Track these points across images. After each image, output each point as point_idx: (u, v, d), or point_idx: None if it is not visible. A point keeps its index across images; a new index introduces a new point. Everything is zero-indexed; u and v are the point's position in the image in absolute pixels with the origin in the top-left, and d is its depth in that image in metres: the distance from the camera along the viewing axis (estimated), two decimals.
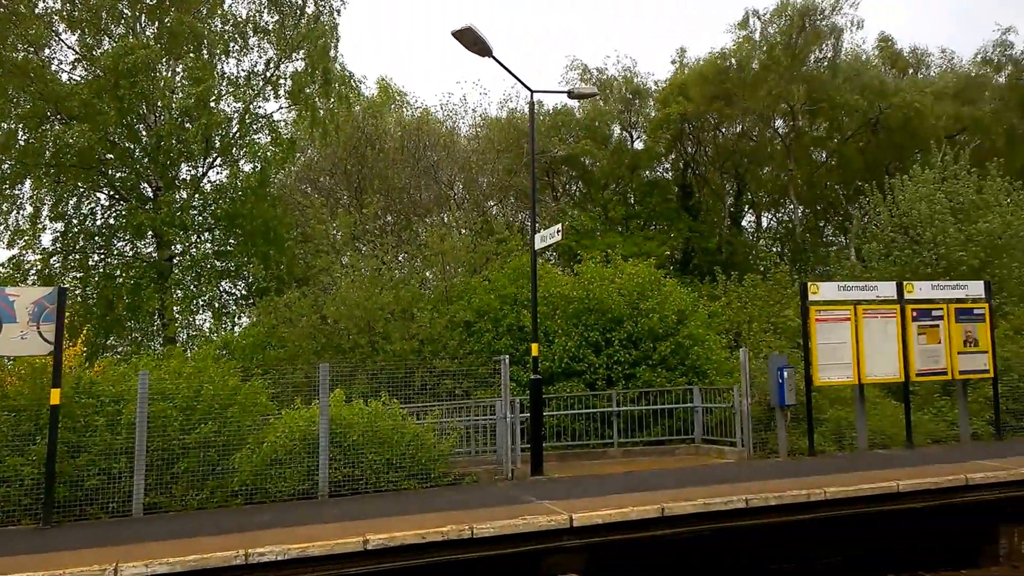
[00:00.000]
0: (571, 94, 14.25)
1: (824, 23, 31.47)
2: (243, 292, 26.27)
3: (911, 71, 36.65)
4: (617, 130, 35.99)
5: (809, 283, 13.27)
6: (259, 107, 25.38)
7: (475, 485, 11.25)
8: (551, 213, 33.85)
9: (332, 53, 25.18)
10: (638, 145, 35.65)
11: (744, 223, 38.23)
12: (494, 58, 12.50)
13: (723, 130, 34.69)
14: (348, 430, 10.65)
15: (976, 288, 14.25)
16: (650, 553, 8.86)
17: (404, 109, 34.93)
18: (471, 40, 12.07)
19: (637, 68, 35.14)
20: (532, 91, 13.42)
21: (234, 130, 24.60)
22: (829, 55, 32.21)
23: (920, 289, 13.86)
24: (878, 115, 31.43)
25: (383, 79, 37.69)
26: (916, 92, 31.37)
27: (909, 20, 69.32)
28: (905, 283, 13.78)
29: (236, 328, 24.83)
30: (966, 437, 13.76)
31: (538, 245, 12.84)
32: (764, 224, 40.14)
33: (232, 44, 24.97)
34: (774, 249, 36.83)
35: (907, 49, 37.38)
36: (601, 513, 8.31)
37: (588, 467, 13.10)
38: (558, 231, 12.38)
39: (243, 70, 25.34)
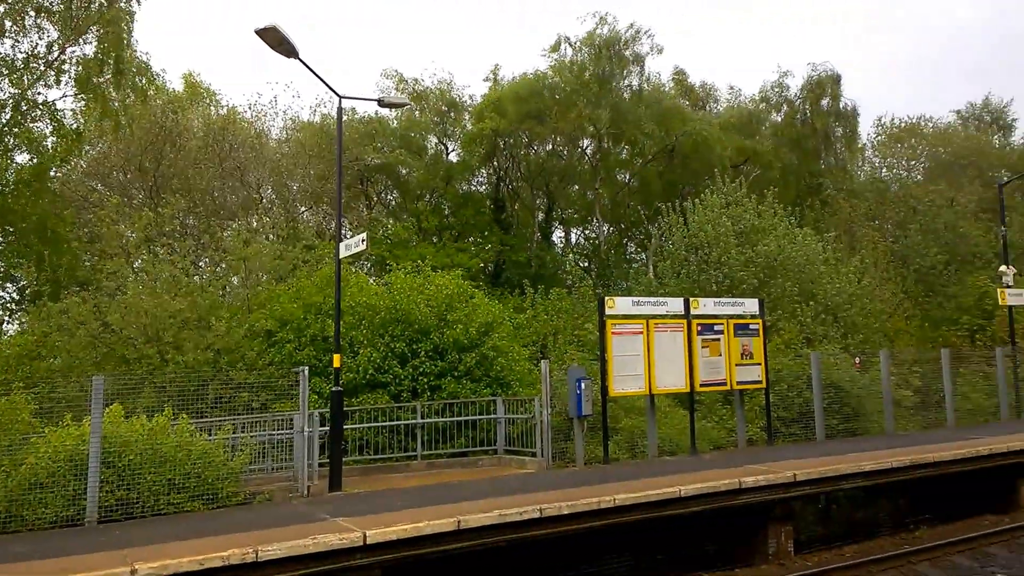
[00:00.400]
0: (381, 102, 14.03)
1: (628, 52, 33.40)
2: (13, 296, 23.52)
3: (702, 103, 39.83)
4: (433, 141, 36.11)
5: (606, 297, 13.89)
6: (39, 94, 22.92)
7: (268, 504, 10.69)
8: (364, 222, 33.28)
9: (127, 40, 23.22)
10: (453, 157, 35.99)
11: (555, 238, 39.72)
12: (301, 60, 12.04)
13: (535, 148, 35.80)
14: (125, 449, 9.75)
15: (752, 306, 15.55)
16: (445, 566, 8.80)
17: (212, 107, 32.96)
18: (276, 40, 11.55)
19: (454, 81, 35.44)
20: (341, 97, 13.06)
21: (7, 117, 22.00)
22: (633, 83, 34.24)
23: (704, 305, 14.92)
24: (674, 142, 33.76)
25: (190, 74, 35.38)
26: (706, 123, 34.10)
27: (702, 57, 75.48)
28: (692, 299, 14.78)
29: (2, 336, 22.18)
30: (743, 443, 14.95)
31: (343, 253, 12.49)
32: (573, 240, 41.91)
33: (7, 22, 22.32)
34: (581, 264, 38.46)
35: (699, 83, 40.69)
36: (396, 528, 8.12)
37: (390, 481, 12.87)
38: (363, 240, 12.11)
39: (21, 52, 22.77)
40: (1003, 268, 20.00)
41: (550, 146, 36.13)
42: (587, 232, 41.25)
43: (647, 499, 9.93)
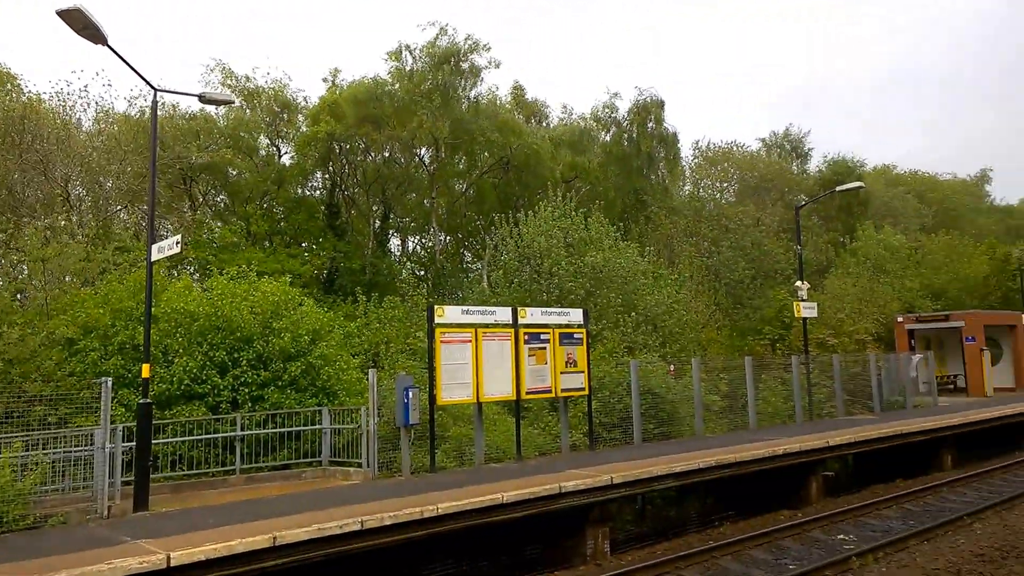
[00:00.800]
0: (202, 97, 13.29)
1: (466, 64, 33.80)
2: None
3: (537, 119, 41.03)
4: (265, 143, 34.78)
5: (436, 306, 13.91)
6: None
7: (62, 527, 9.81)
8: (188, 224, 31.43)
9: None
10: (287, 160, 34.81)
11: (392, 246, 39.35)
12: (110, 47, 11.18)
13: (372, 154, 35.34)
14: None
15: (577, 316, 16.14)
16: None
17: (13, 94, 29.84)
18: (81, 23, 10.65)
19: (289, 82, 34.30)
20: (156, 89, 12.27)
21: None
22: (471, 94, 34.67)
23: (531, 315, 15.31)
24: (510, 155, 34.51)
25: None
26: (540, 138, 35.16)
27: (538, 74, 77.84)
28: (519, 309, 15.13)
29: None
30: (566, 448, 15.44)
31: (155, 256, 11.71)
32: (410, 248, 41.75)
33: None
34: (417, 273, 38.36)
35: (534, 99, 41.94)
36: (205, 548, 7.69)
37: (206, 498, 12.17)
38: (177, 243, 11.42)
39: None
40: (799, 283, 21.99)
41: (388, 153, 35.79)
42: (424, 241, 41.26)
43: (471, 506, 10.03)
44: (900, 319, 30.05)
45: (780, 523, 12.91)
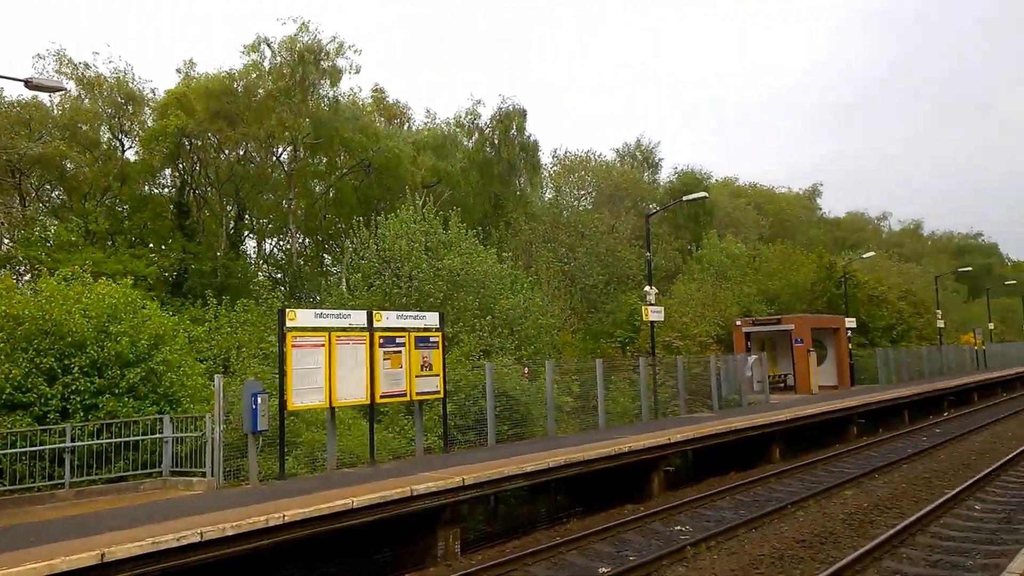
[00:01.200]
0: (30, 83, 12.39)
1: (327, 63, 33.17)
2: None
3: (398, 122, 40.88)
4: (107, 135, 32.67)
5: (288, 310, 13.61)
6: None
7: None
8: (17, 221, 29.07)
9: None
10: (131, 155, 32.87)
11: (249, 248, 38.02)
12: None
13: (226, 152, 33.98)
14: None
15: (433, 319, 16.24)
16: None
17: None
18: None
19: (134, 72, 32.36)
20: None
21: None
22: (331, 94, 34.04)
23: (387, 318, 15.26)
24: (371, 157, 34.17)
25: None
26: (401, 142, 35.03)
27: (401, 77, 77.44)
28: (375, 312, 15.05)
29: None
30: (421, 452, 15.50)
31: None
32: (267, 250, 40.44)
33: None
34: (275, 275, 37.22)
35: (396, 100, 41.80)
36: (22, 569, 7.19)
37: (29, 514, 11.30)
38: None
39: None
40: (648, 288, 23.11)
41: (243, 151, 34.54)
42: (282, 243, 40.08)
43: (319, 513, 9.89)
44: (738, 322, 32.19)
45: (624, 517, 13.48)
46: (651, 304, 22.54)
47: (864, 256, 43.18)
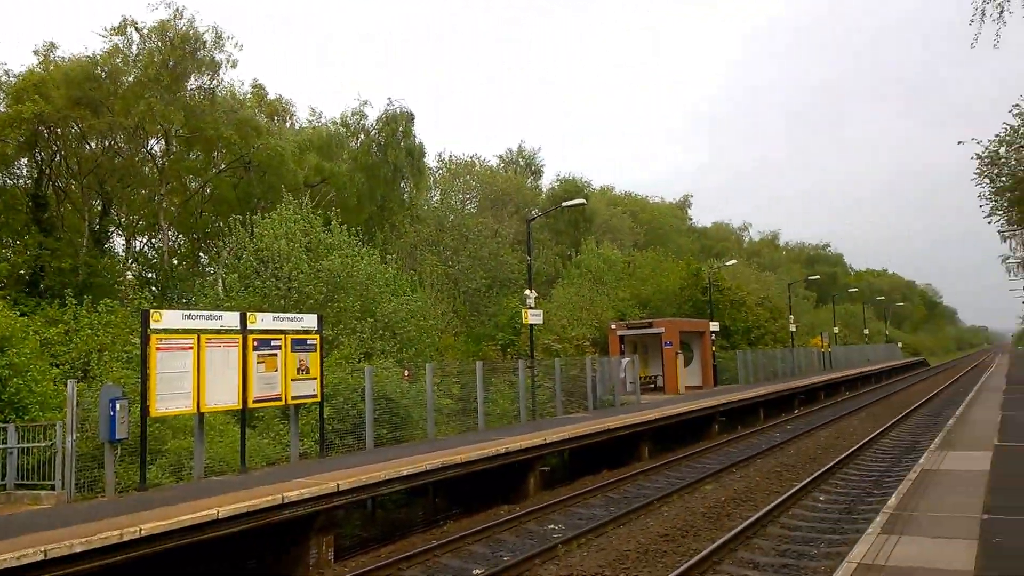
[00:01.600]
0: None
1: (204, 54, 31.78)
2: None
3: (281, 120, 39.73)
4: None
5: (152, 310, 12.99)
6: None
7: None
8: None
9: None
10: None
11: (116, 246, 35.86)
12: None
13: (90, 142, 31.98)
14: None
15: (311, 321, 15.91)
16: None
17: None
18: None
19: None
20: None
21: None
22: (208, 86, 32.61)
23: (263, 320, 14.83)
24: (251, 153, 33.02)
25: None
26: (284, 139, 34.06)
27: (283, 73, 75.29)
28: (249, 314, 14.57)
29: None
30: (296, 457, 15.14)
31: None
32: (137, 248, 38.28)
33: None
34: (146, 274, 35.33)
35: (278, 96, 40.62)
36: None
37: None
38: None
39: None
40: (528, 292, 23.45)
41: (108, 142, 32.56)
42: (154, 241, 38.06)
43: (181, 525, 9.49)
44: (613, 325, 33.28)
45: (500, 518, 13.67)
46: (531, 308, 22.90)
47: (727, 264, 45.66)
